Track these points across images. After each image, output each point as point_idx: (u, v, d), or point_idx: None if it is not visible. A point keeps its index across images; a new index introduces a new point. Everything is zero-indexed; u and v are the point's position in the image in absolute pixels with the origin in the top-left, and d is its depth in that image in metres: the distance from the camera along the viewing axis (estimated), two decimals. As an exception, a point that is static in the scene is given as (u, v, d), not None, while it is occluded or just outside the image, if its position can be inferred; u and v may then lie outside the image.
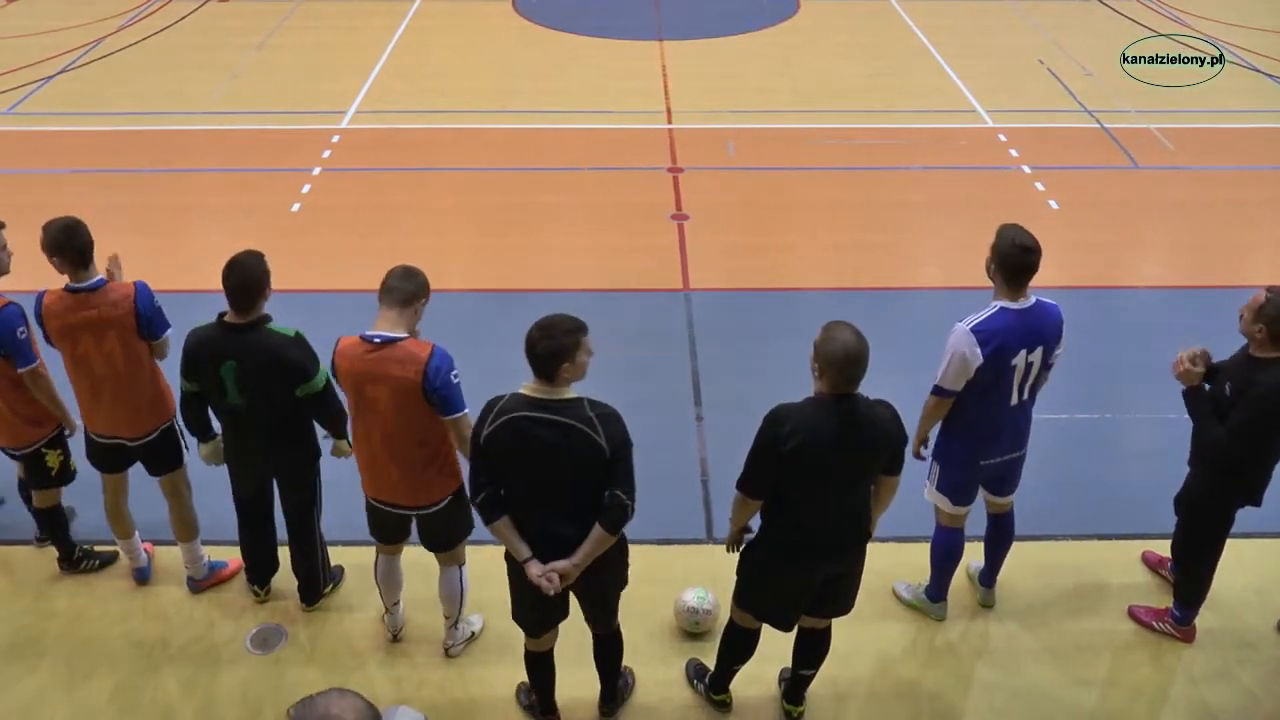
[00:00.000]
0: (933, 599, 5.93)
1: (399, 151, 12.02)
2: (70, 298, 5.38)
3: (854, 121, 12.87)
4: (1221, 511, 5.41)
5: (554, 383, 4.36)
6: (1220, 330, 5.57)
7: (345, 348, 4.98)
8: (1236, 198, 11.10)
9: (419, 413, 4.95)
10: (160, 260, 9.22)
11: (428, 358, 4.87)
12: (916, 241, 10.52)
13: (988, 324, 5.08)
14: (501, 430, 4.38)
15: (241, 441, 5.52)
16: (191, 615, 5.95)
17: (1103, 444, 7.46)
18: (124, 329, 5.41)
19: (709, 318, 8.86)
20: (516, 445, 4.37)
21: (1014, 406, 5.29)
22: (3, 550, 6.41)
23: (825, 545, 4.71)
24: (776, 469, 4.51)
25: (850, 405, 4.46)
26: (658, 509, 4.85)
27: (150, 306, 5.46)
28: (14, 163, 11.60)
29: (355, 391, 5.00)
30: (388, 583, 5.65)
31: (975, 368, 5.09)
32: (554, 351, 4.30)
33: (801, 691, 5.33)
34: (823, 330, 4.47)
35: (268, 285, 5.25)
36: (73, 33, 15.35)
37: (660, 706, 5.43)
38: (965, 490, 5.57)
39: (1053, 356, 5.26)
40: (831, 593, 4.90)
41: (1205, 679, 5.61)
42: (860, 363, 4.39)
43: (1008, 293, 5.12)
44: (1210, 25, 16.00)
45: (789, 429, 4.43)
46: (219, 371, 5.24)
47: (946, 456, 5.50)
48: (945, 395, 5.24)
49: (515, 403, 4.39)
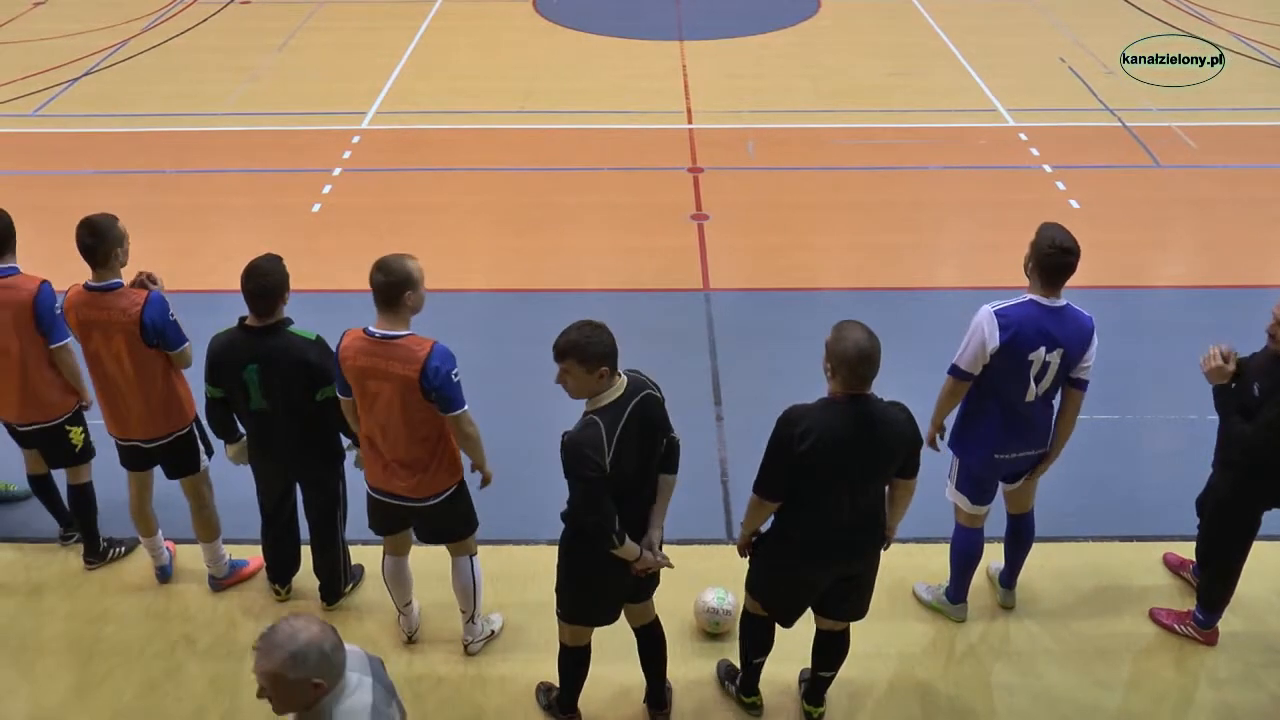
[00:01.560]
0: (952, 600, 5.91)
1: (419, 152, 12.06)
2: (86, 294, 5.45)
3: (874, 121, 12.83)
4: (1247, 513, 5.37)
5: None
6: (1244, 330, 5.52)
7: (349, 342, 5.01)
8: (1260, 197, 11.02)
9: (420, 409, 4.98)
10: (183, 261, 9.29)
11: (426, 356, 4.88)
12: (937, 241, 10.48)
13: (1012, 311, 5.08)
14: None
15: (266, 444, 5.55)
16: (213, 613, 5.99)
17: (1124, 445, 7.41)
18: (130, 335, 5.42)
19: (729, 318, 8.85)
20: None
21: (1030, 402, 5.23)
22: (26, 549, 6.46)
23: (838, 545, 4.71)
24: (791, 470, 4.51)
25: (864, 405, 4.46)
26: (677, 509, 4.86)
27: (159, 318, 5.43)
28: (40, 164, 11.71)
29: (358, 385, 5.03)
30: (396, 583, 5.64)
31: (990, 351, 5.07)
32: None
33: (821, 693, 5.32)
34: (834, 330, 4.48)
35: (286, 289, 5.28)
36: (97, 35, 15.47)
37: (681, 707, 5.43)
38: (984, 488, 5.55)
39: (1079, 368, 5.16)
40: (845, 594, 4.90)
41: (1228, 683, 5.57)
42: (872, 361, 4.39)
43: (1042, 290, 5.10)
44: (1235, 22, 15.88)
45: (802, 429, 4.43)
46: (242, 376, 5.27)
47: (965, 449, 5.49)
48: (961, 377, 5.22)
49: (615, 410, 4.45)
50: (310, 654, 3.12)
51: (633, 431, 4.44)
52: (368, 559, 6.21)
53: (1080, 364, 5.17)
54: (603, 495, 4.40)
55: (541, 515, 5.81)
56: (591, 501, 4.42)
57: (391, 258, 4.93)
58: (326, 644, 3.16)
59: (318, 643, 3.14)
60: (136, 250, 5.68)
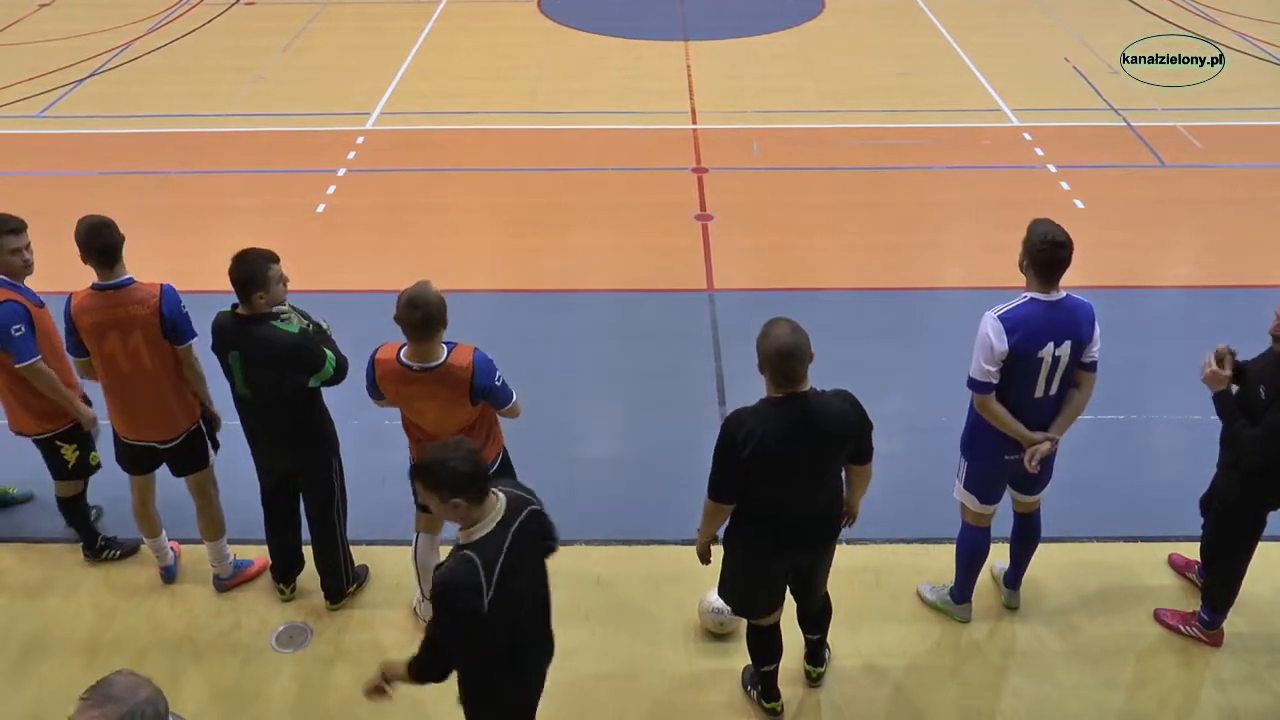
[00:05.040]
0: (957, 600, 5.90)
1: (423, 152, 12.07)
2: (98, 295, 5.45)
3: (879, 121, 12.82)
4: (1253, 515, 5.36)
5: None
6: (1248, 331, 5.51)
7: (388, 371, 5.07)
8: (1266, 197, 10.99)
9: (468, 413, 5.10)
10: (187, 261, 9.29)
11: (470, 378, 4.98)
12: (941, 241, 10.47)
13: (1015, 312, 5.06)
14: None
15: (252, 431, 5.63)
16: (218, 613, 6.00)
17: (1129, 445, 7.40)
18: (148, 329, 5.46)
19: (733, 318, 8.84)
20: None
21: (1039, 399, 5.21)
22: (33, 548, 6.48)
23: (794, 540, 4.79)
24: (739, 473, 4.55)
25: (803, 403, 4.48)
26: (682, 509, 4.86)
27: (175, 310, 5.51)
28: (46, 165, 11.73)
29: (402, 402, 5.16)
30: (426, 563, 5.66)
31: (1000, 356, 5.05)
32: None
33: (820, 652, 5.46)
34: (762, 328, 4.50)
35: (263, 279, 5.29)
36: (102, 36, 15.50)
37: (685, 707, 5.44)
38: (992, 487, 5.54)
39: (1088, 353, 5.17)
40: (800, 581, 5.03)
41: (1234, 683, 5.56)
42: (796, 357, 4.39)
43: (1039, 286, 5.09)
44: (1241, 22, 15.85)
45: (744, 433, 4.46)
46: (228, 360, 5.37)
47: (973, 449, 5.47)
48: (980, 389, 5.17)
49: (495, 540, 3.86)
50: (145, 713, 2.93)
51: (520, 560, 3.86)
52: (370, 559, 6.22)
53: (1089, 348, 5.17)
54: (451, 648, 3.85)
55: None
56: (440, 652, 3.87)
57: (420, 292, 4.87)
58: (162, 706, 2.98)
59: (153, 702, 2.95)
60: (141, 250, 5.71)
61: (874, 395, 4.82)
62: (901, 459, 6.75)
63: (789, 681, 5.45)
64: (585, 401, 7.77)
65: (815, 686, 5.50)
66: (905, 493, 6.55)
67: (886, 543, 6.36)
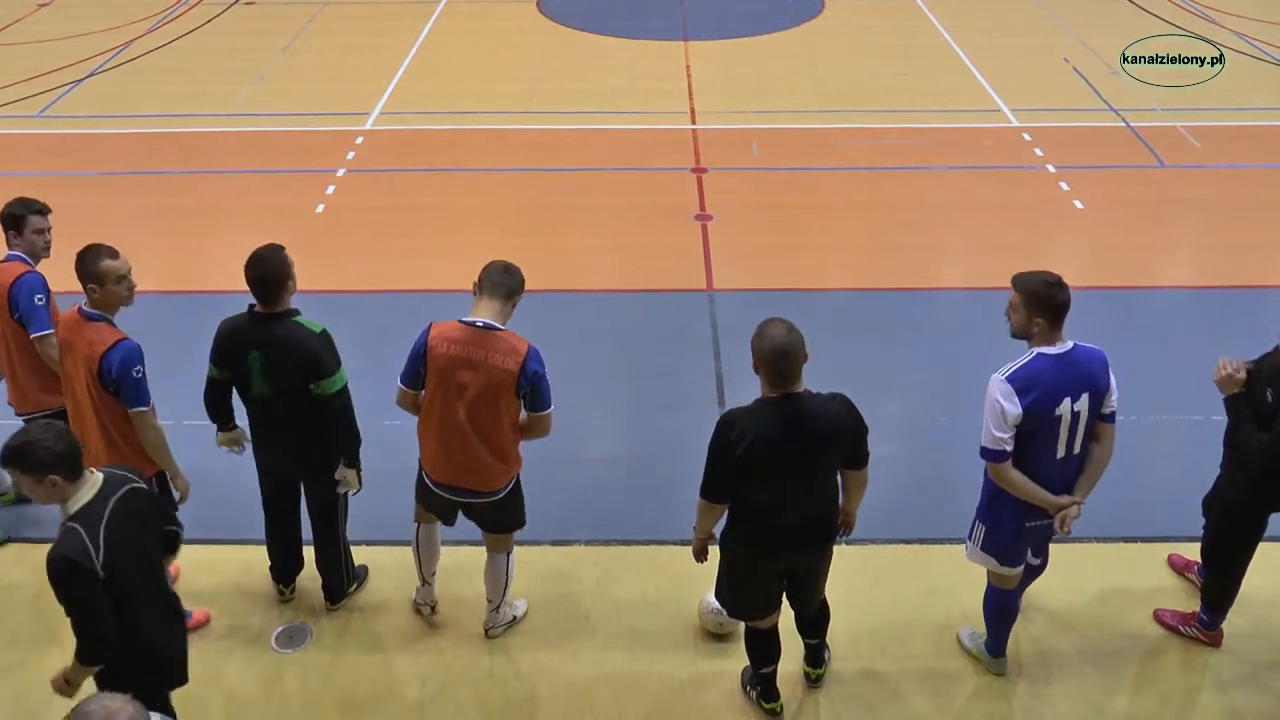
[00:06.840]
0: (992, 654, 5.62)
1: (423, 153, 12.07)
2: (76, 318, 5.27)
3: (878, 121, 12.82)
4: (1256, 517, 5.36)
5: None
6: (1249, 331, 5.52)
7: (443, 330, 5.09)
8: (1265, 198, 10.98)
9: (506, 402, 5.11)
10: (187, 261, 9.28)
11: (527, 352, 5.04)
12: (941, 242, 10.46)
13: (1023, 370, 4.72)
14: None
15: (265, 430, 5.58)
16: (218, 613, 5.97)
17: (1129, 446, 7.29)
18: (89, 371, 5.16)
19: (733, 318, 8.83)
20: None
21: (1061, 460, 4.86)
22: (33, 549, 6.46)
23: (787, 542, 4.77)
24: (732, 473, 4.54)
25: (796, 403, 4.47)
26: (681, 509, 4.87)
27: (120, 368, 5.12)
28: (45, 165, 11.70)
29: (442, 375, 5.09)
30: (428, 551, 5.68)
31: (1014, 422, 4.68)
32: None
33: (819, 654, 5.45)
34: (756, 328, 4.49)
35: (289, 277, 5.30)
36: (102, 36, 15.49)
37: (685, 707, 5.44)
38: (1012, 554, 5.18)
39: (1106, 404, 4.87)
40: (799, 584, 5.00)
41: (1234, 684, 5.56)
42: (791, 357, 4.39)
43: (1047, 336, 4.76)
44: (1240, 22, 15.85)
45: (737, 433, 4.47)
46: (246, 360, 5.31)
47: (992, 517, 5.09)
48: (995, 458, 4.78)
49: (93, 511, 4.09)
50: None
51: (123, 529, 4.07)
52: (371, 559, 6.22)
53: (1108, 398, 4.88)
54: (100, 604, 4.02)
55: (543, 516, 5.84)
56: (90, 612, 4.04)
57: (513, 264, 5.42)
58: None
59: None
60: (140, 251, 5.69)
61: (873, 395, 4.83)
62: (901, 460, 6.74)
63: (788, 682, 5.45)
64: (585, 402, 7.76)
65: (815, 688, 5.49)
66: (905, 493, 6.55)
67: (885, 543, 6.35)
